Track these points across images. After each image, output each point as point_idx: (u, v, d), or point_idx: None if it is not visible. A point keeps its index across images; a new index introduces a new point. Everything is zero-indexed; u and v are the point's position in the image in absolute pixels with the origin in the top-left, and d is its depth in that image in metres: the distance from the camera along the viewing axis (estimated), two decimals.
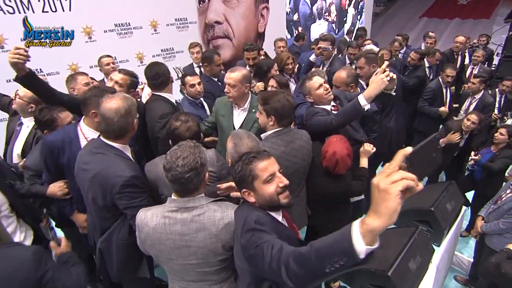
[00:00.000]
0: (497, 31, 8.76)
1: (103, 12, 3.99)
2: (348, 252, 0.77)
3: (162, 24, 4.65)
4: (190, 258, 1.36)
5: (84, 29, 3.88)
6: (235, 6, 5.49)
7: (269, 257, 1.00)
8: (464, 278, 3.04)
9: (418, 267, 2.13)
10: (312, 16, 7.39)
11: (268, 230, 1.13)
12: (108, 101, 1.55)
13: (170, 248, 1.36)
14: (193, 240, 1.32)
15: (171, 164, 1.27)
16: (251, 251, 1.08)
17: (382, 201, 0.71)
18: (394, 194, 0.70)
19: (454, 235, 2.64)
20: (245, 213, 1.23)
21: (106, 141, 1.60)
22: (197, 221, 1.32)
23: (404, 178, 0.70)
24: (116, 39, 4.20)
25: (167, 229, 1.34)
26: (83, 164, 1.62)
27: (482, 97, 3.82)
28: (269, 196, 1.24)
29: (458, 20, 11.41)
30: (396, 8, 13.24)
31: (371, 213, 0.74)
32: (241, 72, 2.19)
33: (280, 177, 1.28)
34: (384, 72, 1.93)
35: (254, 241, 1.08)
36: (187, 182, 1.28)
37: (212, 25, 5.27)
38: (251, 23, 5.84)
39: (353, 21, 9.05)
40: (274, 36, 4.55)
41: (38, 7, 3.48)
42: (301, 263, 0.91)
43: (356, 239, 0.76)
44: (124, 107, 1.54)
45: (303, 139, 1.96)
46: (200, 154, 1.31)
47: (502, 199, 2.51)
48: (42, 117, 1.98)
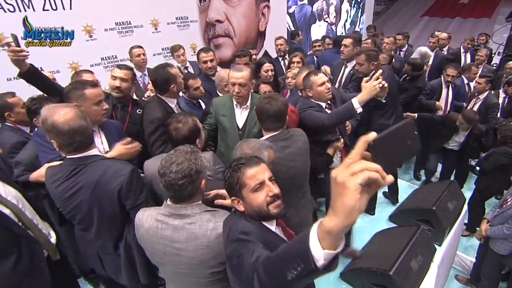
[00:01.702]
0: (498, 30, 8.75)
1: (104, 11, 3.98)
2: (304, 256, 0.67)
3: (163, 23, 4.64)
4: (181, 267, 1.33)
5: (85, 28, 3.87)
6: (236, 5, 5.48)
7: (246, 266, 0.91)
8: (465, 278, 3.04)
9: (419, 266, 2.13)
10: (313, 17, 7.37)
11: (254, 240, 1.03)
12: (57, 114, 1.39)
13: (161, 253, 1.34)
14: (184, 249, 1.28)
15: (165, 170, 1.24)
16: (234, 261, 0.99)
17: (339, 196, 0.59)
18: (352, 188, 0.57)
19: (455, 234, 2.64)
20: (230, 222, 1.16)
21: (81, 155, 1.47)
22: (188, 229, 1.27)
23: (365, 169, 0.57)
24: (116, 37, 4.19)
25: (158, 233, 1.31)
26: (70, 190, 1.47)
27: (486, 98, 3.79)
28: (258, 205, 1.15)
29: (459, 19, 11.37)
30: (397, 7, 13.21)
31: (329, 211, 0.62)
32: (247, 70, 2.19)
33: (269, 185, 1.18)
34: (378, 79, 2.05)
35: (237, 251, 1.00)
36: (180, 189, 1.24)
37: (213, 24, 5.26)
38: (252, 22, 5.83)
39: (353, 19, 9.03)
40: (275, 35, 4.54)
41: (38, 6, 3.47)
42: (267, 269, 0.82)
43: (312, 242, 0.66)
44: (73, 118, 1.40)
45: (301, 140, 1.90)
46: (196, 160, 1.26)
47: (508, 204, 2.49)
48: (32, 105, 2.09)
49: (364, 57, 2.96)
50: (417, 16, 12.23)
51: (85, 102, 1.76)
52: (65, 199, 1.50)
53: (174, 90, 2.26)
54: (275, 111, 1.80)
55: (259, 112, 1.86)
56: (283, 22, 6.53)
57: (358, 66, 3.04)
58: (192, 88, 2.69)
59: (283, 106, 1.84)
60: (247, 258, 0.93)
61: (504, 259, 2.49)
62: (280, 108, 1.80)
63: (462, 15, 11.49)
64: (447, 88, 3.97)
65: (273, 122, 1.84)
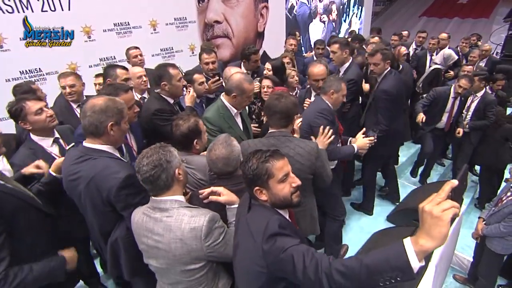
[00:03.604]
0: (496, 30, 8.77)
1: (103, 12, 3.97)
2: (405, 269, 0.87)
3: (161, 24, 4.63)
4: (161, 262, 1.37)
5: (84, 29, 3.87)
6: (234, 6, 5.48)
7: (302, 265, 1.04)
8: (463, 277, 3.05)
9: None
10: (311, 16, 7.38)
11: (291, 234, 1.17)
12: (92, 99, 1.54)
13: (147, 246, 1.39)
14: (161, 241, 1.33)
15: (138, 166, 1.32)
16: (281, 256, 1.10)
17: (436, 226, 0.83)
18: (447, 221, 0.82)
19: (453, 234, 2.64)
20: (263, 216, 1.23)
21: (90, 145, 1.52)
22: (165, 221, 1.32)
23: (453, 207, 0.83)
24: (115, 38, 4.18)
25: (143, 226, 1.37)
26: (72, 175, 1.53)
27: (483, 95, 3.82)
28: (284, 195, 1.27)
29: (458, 19, 11.41)
30: (395, 7, 13.24)
31: (424, 235, 0.85)
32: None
33: (293, 177, 1.30)
34: (369, 137, 2.39)
35: (280, 246, 1.11)
36: (154, 179, 1.30)
37: (212, 24, 5.26)
38: (251, 22, 5.83)
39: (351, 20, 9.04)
40: (274, 35, 4.52)
41: (37, 7, 3.46)
42: (349, 277, 0.96)
43: (411, 257, 0.86)
44: (100, 104, 1.49)
45: (295, 150, 1.82)
46: (164, 152, 1.33)
47: (503, 202, 2.50)
48: (11, 108, 1.92)
49: (380, 57, 2.88)
50: (415, 16, 12.26)
51: None
52: (67, 181, 1.57)
53: (165, 88, 2.29)
54: (281, 108, 1.82)
55: (268, 106, 1.89)
56: (282, 22, 6.54)
57: (373, 67, 2.96)
58: (197, 83, 2.71)
59: (292, 104, 1.86)
60: (298, 256, 1.06)
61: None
62: (287, 106, 1.83)
63: (460, 15, 11.53)
64: (454, 99, 3.72)
65: (279, 119, 1.87)
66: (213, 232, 1.32)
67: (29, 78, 3.54)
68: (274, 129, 1.91)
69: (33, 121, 1.93)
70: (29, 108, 1.90)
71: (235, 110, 2.29)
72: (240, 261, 1.32)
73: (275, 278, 1.19)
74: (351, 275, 0.96)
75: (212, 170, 1.62)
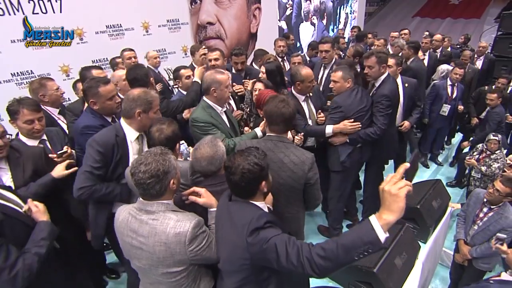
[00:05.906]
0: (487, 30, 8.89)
1: (94, 14, 3.98)
2: (375, 241, 1.01)
3: (154, 25, 4.64)
4: (143, 262, 1.38)
5: (75, 31, 3.87)
6: (227, 7, 5.51)
7: (285, 252, 1.15)
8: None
9: (404, 263, 2.17)
10: (300, 17, 7.42)
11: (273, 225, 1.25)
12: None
13: (129, 246, 1.39)
14: (145, 244, 1.33)
15: (134, 169, 1.29)
16: (264, 246, 1.19)
17: (394, 202, 0.99)
18: (403, 197, 0.99)
19: (441, 232, 2.69)
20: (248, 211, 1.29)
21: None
22: (150, 224, 1.32)
23: (406, 185, 1.00)
24: (107, 40, 4.19)
25: (128, 226, 1.37)
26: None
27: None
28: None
29: (450, 20, 11.54)
30: (389, 7, 13.34)
31: (385, 211, 1.01)
32: None
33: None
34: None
35: (263, 237, 1.20)
36: (148, 187, 1.29)
37: (204, 26, 5.29)
38: (244, 23, 5.87)
39: (345, 20, 9.11)
40: (267, 36, 4.56)
41: (28, 9, 3.46)
42: (328, 258, 1.09)
43: (378, 231, 1.01)
44: (133, 94, 1.80)
45: (289, 158, 1.79)
46: (163, 161, 1.30)
47: (483, 220, 2.42)
48: (10, 106, 2.02)
49: (374, 60, 2.72)
50: (408, 17, 12.36)
51: (100, 99, 2.02)
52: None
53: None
54: (290, 115, 1.81)
55: (275, 114, 1.80)
56: (275, 24, 6.58)
57: (368, 70, 2.77)
58: (183, 77, 2.98)
59: (296, 110, 1.90)
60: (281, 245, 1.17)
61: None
62: (294, 111, 1.84)
63: (453, 15, 11.67)
64: (452, 87, 4.20)
65: (284, 126, 1.84)
66: (197, 237, 1.34)
67: (21, 81, 3.54)
68: (273, 133, 1.88)
69: (20, 127, 2.06)
70: (22, 115, 2.01)
71: (219, 108, 2.31)
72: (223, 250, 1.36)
73: (259, 268, 1.27)
74: (330, 256, 1.08)
75: (196, 168, 1.64)
